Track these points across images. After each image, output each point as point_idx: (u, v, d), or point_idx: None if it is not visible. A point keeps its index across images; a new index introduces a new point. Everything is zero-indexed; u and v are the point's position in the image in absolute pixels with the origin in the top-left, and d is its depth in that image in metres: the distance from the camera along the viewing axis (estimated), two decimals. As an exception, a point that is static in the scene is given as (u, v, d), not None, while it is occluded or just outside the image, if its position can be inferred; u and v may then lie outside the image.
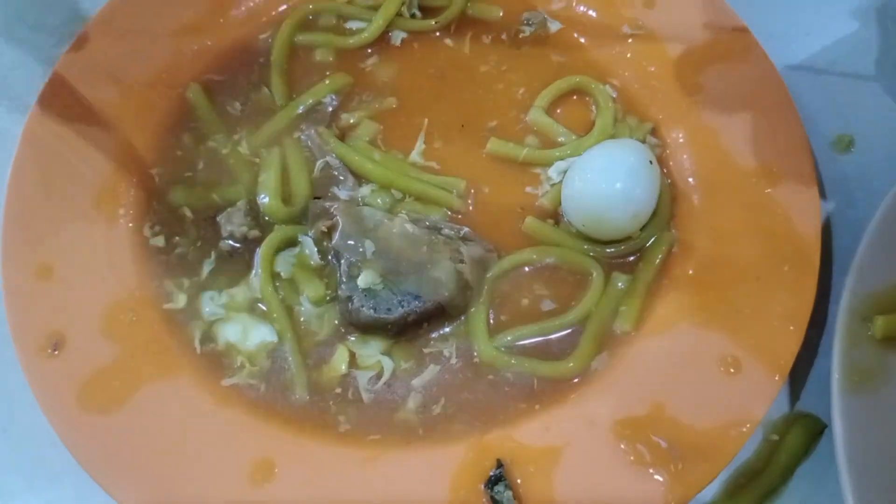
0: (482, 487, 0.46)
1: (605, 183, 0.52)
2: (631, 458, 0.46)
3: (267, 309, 0.53)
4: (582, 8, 0.64)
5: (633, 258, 0.54)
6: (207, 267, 0.55)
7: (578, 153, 0.56)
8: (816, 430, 0.50)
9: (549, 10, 0.64)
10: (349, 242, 0.53)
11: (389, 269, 0.52)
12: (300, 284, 0.54)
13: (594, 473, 0.46)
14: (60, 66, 0.58)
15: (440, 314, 0.52)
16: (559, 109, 0.61)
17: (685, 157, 0.57)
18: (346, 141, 0.59)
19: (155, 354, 0.51)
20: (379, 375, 0.51)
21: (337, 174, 0.57)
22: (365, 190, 0.57)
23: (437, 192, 0.57)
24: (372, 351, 0.52)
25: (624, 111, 0.60)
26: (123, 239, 0.55)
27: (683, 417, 0.47)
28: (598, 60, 0.62)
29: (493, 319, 0.53)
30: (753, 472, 0.49)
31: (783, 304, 0.49)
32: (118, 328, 0.51)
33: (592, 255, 0.54)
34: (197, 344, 0.52)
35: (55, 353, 0.49)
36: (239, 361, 0.52)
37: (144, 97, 0.60)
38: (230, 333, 0.52)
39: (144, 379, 0.49)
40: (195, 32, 0.62)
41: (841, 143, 0.60)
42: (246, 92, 0.61)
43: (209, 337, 0.52)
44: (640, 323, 0.52)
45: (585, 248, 0.54)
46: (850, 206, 0.57)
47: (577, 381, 0.50)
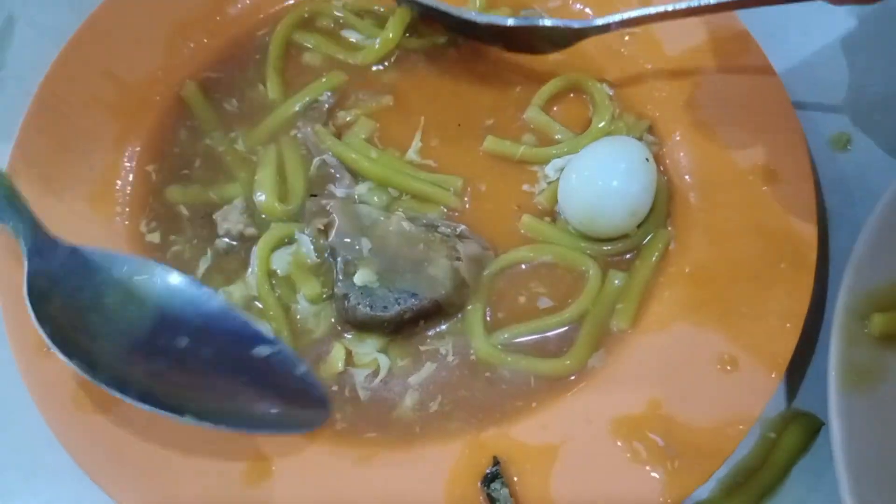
0: (479, 485, 0.46)
1: (601, 181, 0.52)
2: (627, 455, 0.46)
3: (263, 307, 0.53)
4: (578, 6, 0.63)
5: (629, 256, 0.54)
6: (204, 264, 0.55)
7: (575, 151, 0.56)
8: (813, 428, 0.50)
9: (545, 7, 0.64)
10: (346, 240, 0.53)
11: (386, 266, 0.52)
12: (296, 282, 0.54)
13: (590, 471, 0.46)
14: (57, 63, 0.58)
15: (437, 312, 0.52)
16: (556, 107, 0.61)
17: (682, 154, 0.57)
18: (342, 139, 0.59)
19: (151, 353, 0.50)
20: (375, 373, 0.51)
21: (333, 172, 0.57)
22: (362, 188, 0.57)
23: (433, 189, 0.57)
24: (368, 349, 0.52)
25: (620, 109, 0.60)
26: (120, 236, 0.55)
27: (680, 415, 0.47)
28: (594, 58, 0.61)
29: (489, 317, 0.53)
30: (750, 469, 0.49)
31: (780, 301, 0.49)
32: (114, 326, 0.51)
33: (589, 252, 0.54)
34: (194, 342, 0.52)
35: (51, 351, 0.49)
36: (236, 359, 0.51)
37: (141, 94, 0.60)
38: (226, 331, 0.52)
39: (141, 377, 0.49)
40: (192, 29, 0.62)
41: (838, 141, 0.60)
42: (242, 89, 0.61)
43: (206, 335, 0.52)
44: (636, 321, 0.52)
45: (582, 245, 0.54)
46: (847, 204, 0.57)
47: (573, 378, 0.50)
